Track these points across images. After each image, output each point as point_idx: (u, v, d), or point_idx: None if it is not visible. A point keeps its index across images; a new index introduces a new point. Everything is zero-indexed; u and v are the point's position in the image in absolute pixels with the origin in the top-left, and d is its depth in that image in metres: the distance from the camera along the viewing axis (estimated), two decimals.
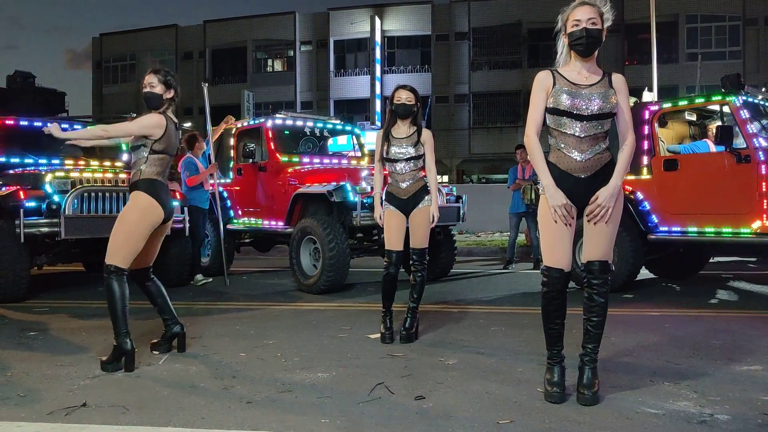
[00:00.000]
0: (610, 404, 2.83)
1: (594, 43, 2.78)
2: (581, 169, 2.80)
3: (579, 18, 2.77)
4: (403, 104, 4.18)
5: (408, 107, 4.18)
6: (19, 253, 5.87)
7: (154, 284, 3.88)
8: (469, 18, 28.10)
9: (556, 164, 2.83)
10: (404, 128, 4.24)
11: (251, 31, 30.72)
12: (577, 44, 2.78)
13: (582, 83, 2.80)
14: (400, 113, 4.19)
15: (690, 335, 4.30)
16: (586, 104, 2.76)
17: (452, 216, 7.29)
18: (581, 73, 2.83)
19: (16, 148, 7.10)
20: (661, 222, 6.22)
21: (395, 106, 4.19)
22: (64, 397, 3.00)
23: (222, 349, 4.01)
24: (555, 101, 2.79)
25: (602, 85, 2.80)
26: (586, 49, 2.78)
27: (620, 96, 2.82)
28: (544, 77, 2.85)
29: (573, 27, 2.78)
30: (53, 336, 4.50)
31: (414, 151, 4.17)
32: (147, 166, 3.66)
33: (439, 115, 28.45)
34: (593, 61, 2.86)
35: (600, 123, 2.78)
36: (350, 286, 6.96)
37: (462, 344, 4.08)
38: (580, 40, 2.77)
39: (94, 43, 34.19)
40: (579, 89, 2.78)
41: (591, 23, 2.76)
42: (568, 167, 2.81)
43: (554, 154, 2.85)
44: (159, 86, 3.70)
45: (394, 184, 4.25)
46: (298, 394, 3.02)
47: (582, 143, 2.78)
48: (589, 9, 2.78)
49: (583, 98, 2.76)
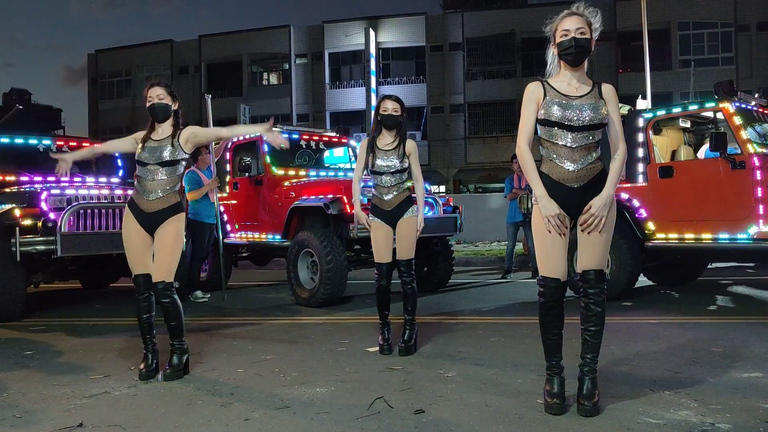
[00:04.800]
0: (611, 415, 2.81)
1: (583, 53, 2.80)
2: (574, 179, 2.80)
3: (568, 28, 2.79)
4: (390, 115, 4.16)
5: (395, 118, 4.17)
6: (16, 271, 5.83)
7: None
8: (463, 28, 28.23)
9: (549, 174, 2.83)
10: (389, 139, 4.21)
11: (246, 44, 30.82)
12: (566, 54, 2.80)
13: (572, 94, 2.81)
14: (388, 124, 4.18)
15: (689, 343, 4.29)
16: (577, 115, 2.77)
17: (449, 226, 7.28)
18: (571, 83, 2.84)
19: (11, 165, 7.09)
20: (658, 229, 6.22)
21: (382, 117, 4.18)
22: (61, 418, 2.97)
23: (220, 365, 3.98)
24: (546, 113, 2.80)
25: (592, 95, 2.82)
26: (575, 58, 2.80)
27: (610, 106, 2.83)
28: (534, 88, 2.86)
29: (562, 37, 2.80)
30: (50, 355, 4.46)
31: (399, 164, 4.16)
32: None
33: (434, 125, 28.52)
34: (583, 70, 2.87)
35: (591, 133, 2.80)
36: (348, 299, 6.94)
37: (461, 356, 4.06)
38: (570, 50, 2.78)
39: (90, 60, 34.25)
40: (570, 100, 2.79)
41: (580, 33, 2.77)
42: (561, 177, 2.81)
43: (546, 165, 2.85)
44: (168, 98, 3.70)
45: (379, 196, 4.23)
46: (297, 410, 3.00)
47: (574, 153, 2.79)
48: (578, 19, 2.80)
49: (574, 109, 2.77)
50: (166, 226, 3.63)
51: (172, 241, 3.63)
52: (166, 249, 3.62)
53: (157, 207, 3.62)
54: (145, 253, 3.69)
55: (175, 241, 3.65)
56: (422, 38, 28.83)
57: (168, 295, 3.63)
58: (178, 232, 3.66)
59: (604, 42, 27.10)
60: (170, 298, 3.64)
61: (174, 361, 3.69)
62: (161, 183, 3.63)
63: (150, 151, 3.64)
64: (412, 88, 28.87)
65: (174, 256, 3.65)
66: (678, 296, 6.73)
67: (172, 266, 3.65)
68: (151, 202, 3.62)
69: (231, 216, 8.03)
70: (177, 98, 3.76)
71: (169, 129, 3.70)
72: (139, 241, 3.66)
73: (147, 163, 3.62)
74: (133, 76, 32.42)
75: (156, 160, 3.62)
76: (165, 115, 3.69)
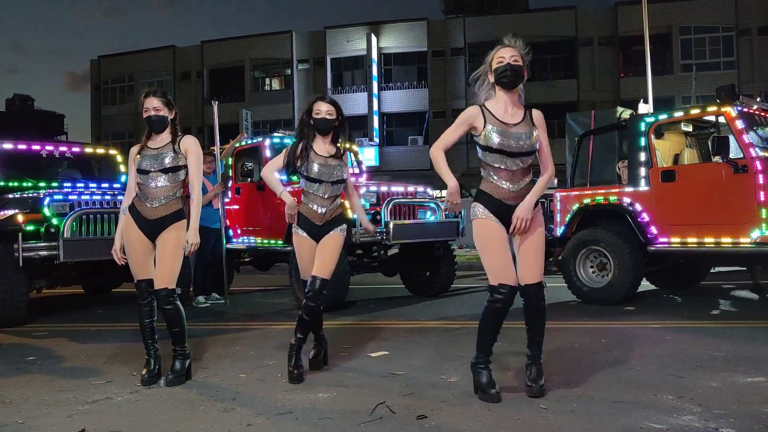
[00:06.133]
0: (614, 419, 2.80)
1: (517, 77, 3.12)
2: (512, 198, 3.13)
3: (503, 56, 3.13)
4: (323, 119, 3.74)
5: (329, 122, 3.75)
6: (18, 276, 5.84)
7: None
8: (465, 33, 28.29)
9: (490, 193, 3.15)
10: (324, 146, 3.81)
11: (248, 50, 30.91)
12: (502, 77, 3.12)
13: (509, 122, 3.13)
14: (320, 128, 3.76)
15: (692, 347, 4.28)
16: (514, 142, 3.09)
17: (451, 231, 7.29)
18: (507, 110, 3.16)
19: (14, 171, 7.12)
20: (660, 233, 6.21)
21: (315, 121, 3.75)
22: (63, 423, 2.97)
23: (222, 370, 3.98)
24: (486, 140, 3.11)
25: (526, 123, 3.15)
26: (510, 81, 3.12)
27: (540, 131, 3.18)
28: (475, 114, 3.17)
29: (498, 63, 3.14)
30: (52, 360, 4.46)
31: (339, 174, 3.78)
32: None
33: (436, 130, 28.49)
34: (516, 95, 3.19)
35: (527, 158, 3.15)
36: (350, 304, 6.94)
37: (464, 361, 4.04)
38: (505, 74, 3.10)
39: (93, 66, 34.39)
40: (507, 128, 3.11)
41: (513, 60, 3.11)
42: (501, 196, 3.13)
43: (487, 185, 3.17)
44: (164, 109, 3.70)
45: (310, 206, 3.78)
46: (299, 415, 3.00)
47: (513, 176, 3.13)
48: (512, 49, 3.15)
49: (512, 137, 3.10)
50: (168, 233, 3.63)
51: (173, 248, 3.64)
52: (167, 256, 3.63)
53: (160, 214, 3.62)
54: (147, 259, 3.69)
55: (177, 248, 3.66)
56: (424, 43, 28.90)
57: (170, 302, 3.63)
58: (180, 238, 3.67)
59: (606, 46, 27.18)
60: (172, 304, 3.64)
61: (176, 367, 3.69)
62: (163, 190, 3.64)
63: (151, 158, 3.64)
64: (413, 93, 28.92)
65: (176, 263, 3.66)
66: (680, 300, 6.72)
67: (174, 273, 3.65)
68: (154, 209, 3.62)
69: (233, 221, 8.04)
70: (173, 107, 3.76)
71: (168, 136, 3.71)
72: (140, 247, 3.67)
73: (149, 171, 3.62)
74: (135, 82, 32.53)
75: (158, 167, 3.62)
76: (162, 127, 3.70)
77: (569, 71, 27.61)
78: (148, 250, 3.68)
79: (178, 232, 3.66)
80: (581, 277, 6.66)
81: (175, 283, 3.67)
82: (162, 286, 3.61)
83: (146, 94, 3.72)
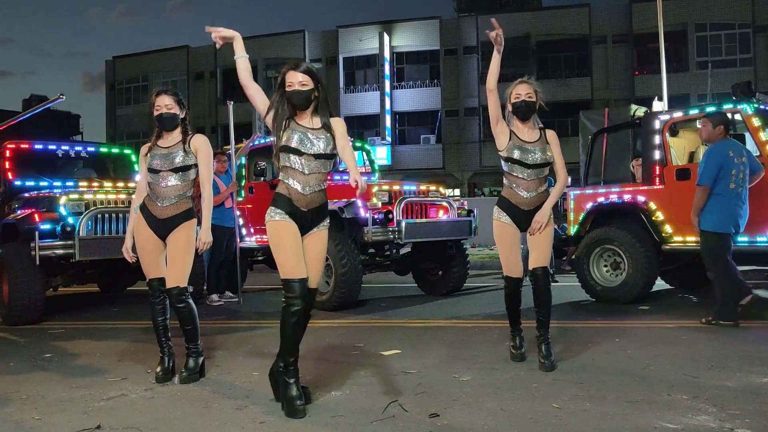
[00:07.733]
0: (628, 419, 2.79)
1: (530, 111, 3.81)
2: (527, 204, 3.83)
3: (519, 92, 3.79)
4: (296, 91, 3.06)
5: (303, 94, 3.06)
6: (35, 275, 5.92)
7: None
8: (477, 32, 28.15)
9: (509, 198, 3.87)
10: (307, 118, 3.14)
11: (261, 50, 30.98)
12: (517, 111, 3.82)
13: (527, 140, 3.83)
14: (296, 103, 3.07)
15: (708, 347, 4.24)
16: (531, 156, 3.78)
17: (464, 230, 7.27)
18: (525, 132, 3.86)
19: (31, 171, 7.20)
20: (675, 232, 6.16)
21: (288, 95, 3.08)
22: (79, 420, 3.00)
23: (235, 368, 4.00)
24: (508, 153, 3.81)
25: (541, 141, 3.83)
26: (524, 115, 3.82)
27: (553, 148, 3.84)
28: (507, 130, 3.87)
29: (515, 99, 3.80)
30: (68, 358, 4.52)
31: (324, 147, 3.08)
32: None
33: (449, 128, 28.50)
34: (531, 122, 3.87)
35: (542, 170, 3.82)
36: (363, 303, 6.94)
37: (476, 360, 4.05)
38: (520, 109, 3.81)
39: (108, 66, 34.68)
40: (525, 145, 3.81)
41: (528, 96, 3.78)
42: (518, 202, 3.84)
43: (507, 191, 3.89)
44: (176, 107, 3.72)
45: (291, 185, 3.08)
46: (312, 413, 3.01)
47: (529, 184, 3.82)
48: (527, 86, 3.80)
49: (529, 152, 3.79)
50: (178, 231, 3.66)
51: (184, 247, 3.67)
52: (179, 255, 3.65)
53: (170, 213, 3.65)
54: (158, 258, 3.73)
55: (188, 247, 3.68)
56: (436, 42, 28.82)
57: (182, 300, 3.66)
58: (191, 237, 3.69)
59: (620, 44, 26.96)
60: (184, 303, 3.67)
61: (190, 364, 3.72)
62: (174, 189, 3.66)
63: (161, 157, 3.66)
64: (426, 92, 28.87)
65: (187, 262, 3.68)
66: (696, 300, 6.66)
67: (186, 271, 3.68)
68: (164, 208, 3.64)
69: (246, 220, 8.08)
70: (185, 106, 3.79)
71: (179, 136, 3.73)
72: (151, 247, 3.70)
73: (159, 170, 3.64)
74: (149, 82, 32.74)
75: (168, 167, 3.64)
76: (173, 125, 3.71)
77: (583, 69, 27.41)
78: (159, 249, 3.71)
79: (189, 231, 3.69)
80: (595, 277, 6.61)
81: (187, 281, 3.69)
82: (173, 285, 3.64)
83: (158, 92, 3.73)
